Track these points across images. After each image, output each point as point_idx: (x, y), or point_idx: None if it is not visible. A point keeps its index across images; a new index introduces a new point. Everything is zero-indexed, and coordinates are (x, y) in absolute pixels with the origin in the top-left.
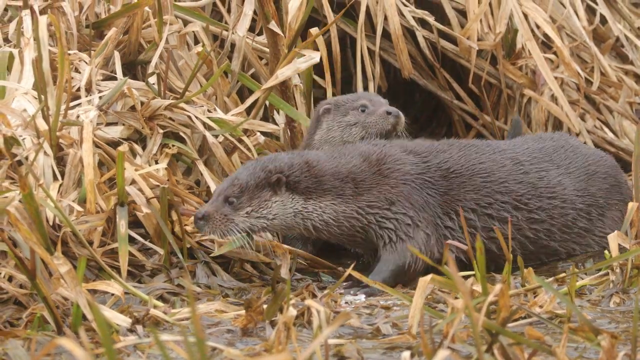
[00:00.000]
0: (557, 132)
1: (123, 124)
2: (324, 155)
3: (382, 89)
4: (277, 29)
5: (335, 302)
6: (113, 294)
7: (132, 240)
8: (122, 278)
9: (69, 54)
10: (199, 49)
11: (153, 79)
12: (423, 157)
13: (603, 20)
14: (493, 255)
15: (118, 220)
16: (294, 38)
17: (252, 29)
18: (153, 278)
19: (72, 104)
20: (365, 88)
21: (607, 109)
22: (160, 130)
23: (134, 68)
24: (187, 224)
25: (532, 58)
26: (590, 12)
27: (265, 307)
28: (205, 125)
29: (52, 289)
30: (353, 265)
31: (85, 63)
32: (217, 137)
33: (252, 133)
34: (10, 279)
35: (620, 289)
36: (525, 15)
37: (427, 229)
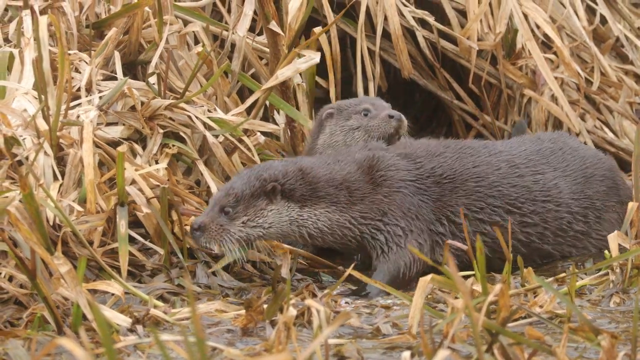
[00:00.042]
0: (556, 131)
1: (123, 124)
2: (318, 162)
3: (382, 89)
4: (277, 29)
5: (335, 302)
6: (113, 294)
7: (132, 240)
8: (122, 278)
9: (69, 54)
10: (199, 49)
11: (153, 79)
12: (417, 162)
13: (603, 21)
14: (486, 258)
15: (118, 220)
16: (294, 38)
17: (252, 29)
18: (153, 278)
19: (72, 104)
20: (366, 88)
21: (607, 109)
22: (161, 130)
23: (134, 68)
24: (187, 224)
25: (532, 58)
26: (590, 12)
27: (266, 307)
28: (206, 125)
29: (52, 289)
30: (353, 266)
31: (86, 63)
32: (217, 137)
33: (252, 133)
34: (11, 279)
35: (620, 289)
36: (525, 16)
37: (419, 238)
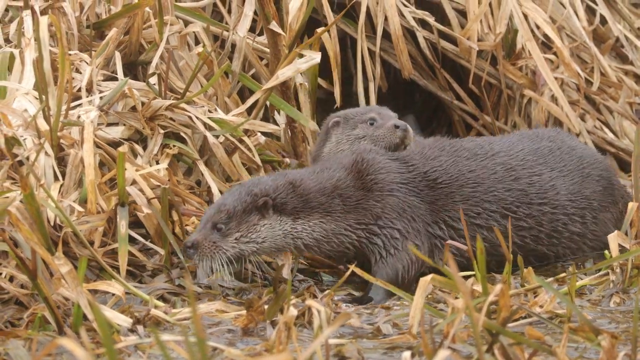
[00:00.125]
0: (554, 128)
1: (124, 125)
2: (306, 173)
3: (382, 90)
4: (277, 29)
5: (336, 305)
6: (114, 294)
7: (132, 241)
8: (122, 278)
9: (70, 55)
10: (200, 50)
11: (154, 80)
12: (409, 165)
13: (603, 21)
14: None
15: (119, 221)
16: (295, 38)
17: (252, 30)
18: (154, 278)
19: (73, 104)
20: (366, 88)
21: (607, 109)
22: (161, 131)
23: (135, 68)
24: (187, 224)
25: (532, 58)
26: (590, 12)
27: (267, 307)
28: (206, 126)
29: (53, 289)
30: (354, 265)
31: (86, 63)
32: (217, 137)
33: (252, 133)
34: (12, 279)
35: (621, 289)
36: (525, 16)
37: (416, 239)
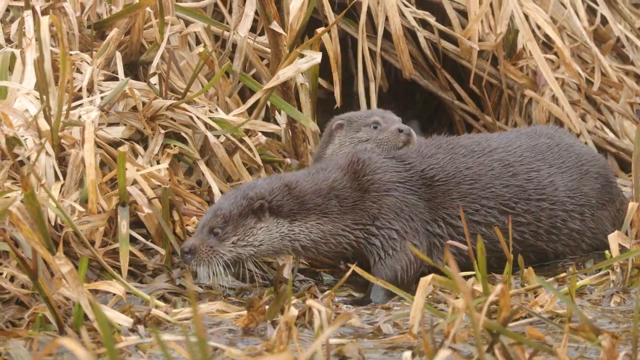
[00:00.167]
0: (551, 126)
1: (125, 125)
2: (302, 175)
3: (383, 90)
4: (278, 29)
5: (337, 306)
6: (115, 294)
7: (133, 241)
8: (123, 278)
9: (71, 55)
10: (201, 50)
11: (154, 80)
12: (406, 163)
13: (604, 21)
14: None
15: (119, 221)
16: (296, 38)
17: (253, 30)
18: (154, 278)
19: (73, 104)
20: (367, 88)
21: (607, 110)
22: (162, 131)
23: (136, 68)
24: (188, 224)
25: (533, 59)
26: (591, 12)
27: (267, 307)
28: (207, 126)
29: (53, 289)
30: (354, 265)
31: (87, 63)
32: (218, 137)
33: (253, 133)
34: (12, 279)
35: (621, 289)
36: (526, 16)
37: (414, 239)
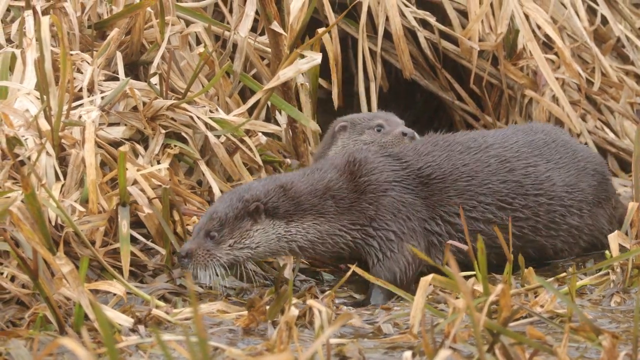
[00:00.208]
0: (547, 123)
1: (125, 125)
2: (297, 175)
3: (383, 90)
4: (279, 30)
5: (337, 307)
6: (115, 294)
7: (134, 241)
8: (124, 278)
9: (71, 55)
10: (201, 50)
11: (155, 80)
12: (403, 162)
13: (604, 21)
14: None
15: (120, 221)
16: (296, 39)
17: (254, 30)
18: (155, 278)
19: (74, 105)
20: (367, 88)
21: (608, 110)
22: (162, 131)
23: (136, 68)
24: (188, 224)
25: (533, 59)
26: (591, 12)
27: (268, 307)
28: (207, 126)
29: (54, 289)
30: (355, 265)
31: (88, 63)
32: (219, 137)
33: (254, 133)
34: (13, 279)
35: (621, 289)
36: (527, 16)
37: (412, 240)
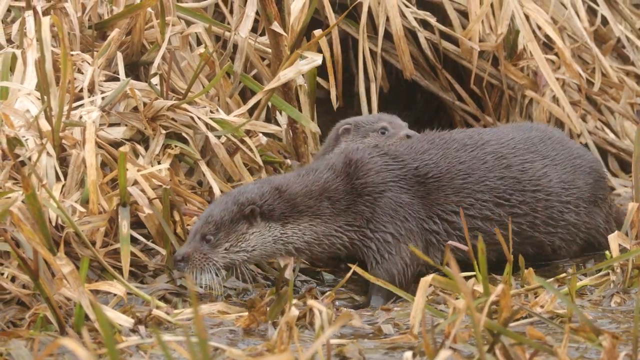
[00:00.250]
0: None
1: (126, 125)
2: (292, 177)
3: (383, 90)
4: (279, 30)
5: (337, 309)
6: (115, 295)
7: (134, 241)
8: (124, 278)
9: (72, 55)
10: (202, 50)
11: (155, 80)
12: (400, 161)
13: (604, 22)
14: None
15: (120, 221)
16: (296, 39)
17: (254, 30)
18: (155, 278)
19: (74, 105)
20: (367, 89)
21: (608, 110)
22: (163, 131)
23: (137, 69)
24: (189, 225)
25: (533, 59)
26: (592, 13)
27: (269, 308)
28: (208, 126)
29: (54, 290)
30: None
31: (88, 64)
32: (219, 137)
33: (254, 134)
34: (13, 280)
35: (621, 289)
36: (527, 17)
37: (410, 241)
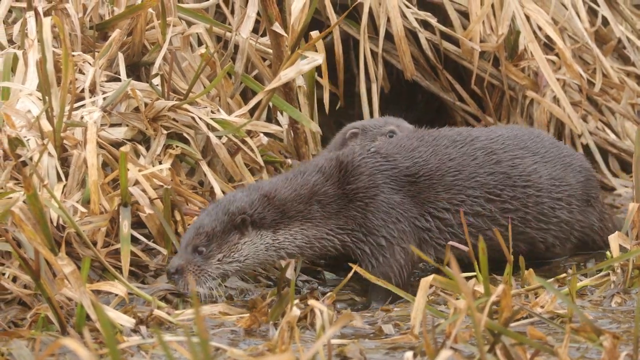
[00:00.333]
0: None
1: (127, 125)
2: (280, 182)
3: (384, 91)
4: (280, 31)
5: (338, 312)
6: (117, 295)
7: (135, 241)
8: (124, 278)
9: (73, 56)
10: (203, 51)
11: (157, 80)
12: (390, 160)
13: (605, 22)
14: (473, 248)
15: (121, 221)
16: (297, 40)
17: (255, 31)
18: (156, 279)
19: (76, 105)
20: (368, 89)
21: (609, 111)
22: (164, 131)
23: (138, 69)
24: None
25: (534, 60)
26: (592, 13)
27: (270, 309)
28: (209, 126)
29: (56, 290)
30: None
31: (89, 64)
32: (220, 138)
33: (255, 134)
34: (15, 280)
35: (622, 290)
36: (528, 17)
37: (402, 242)
